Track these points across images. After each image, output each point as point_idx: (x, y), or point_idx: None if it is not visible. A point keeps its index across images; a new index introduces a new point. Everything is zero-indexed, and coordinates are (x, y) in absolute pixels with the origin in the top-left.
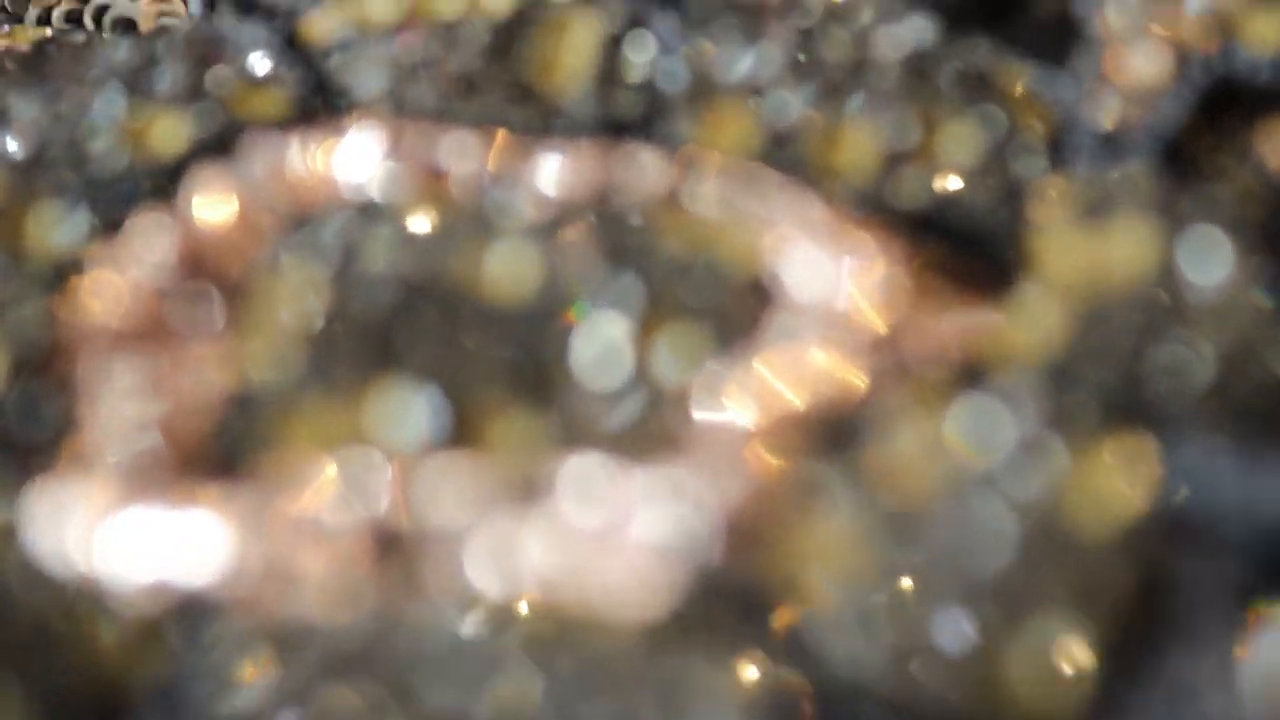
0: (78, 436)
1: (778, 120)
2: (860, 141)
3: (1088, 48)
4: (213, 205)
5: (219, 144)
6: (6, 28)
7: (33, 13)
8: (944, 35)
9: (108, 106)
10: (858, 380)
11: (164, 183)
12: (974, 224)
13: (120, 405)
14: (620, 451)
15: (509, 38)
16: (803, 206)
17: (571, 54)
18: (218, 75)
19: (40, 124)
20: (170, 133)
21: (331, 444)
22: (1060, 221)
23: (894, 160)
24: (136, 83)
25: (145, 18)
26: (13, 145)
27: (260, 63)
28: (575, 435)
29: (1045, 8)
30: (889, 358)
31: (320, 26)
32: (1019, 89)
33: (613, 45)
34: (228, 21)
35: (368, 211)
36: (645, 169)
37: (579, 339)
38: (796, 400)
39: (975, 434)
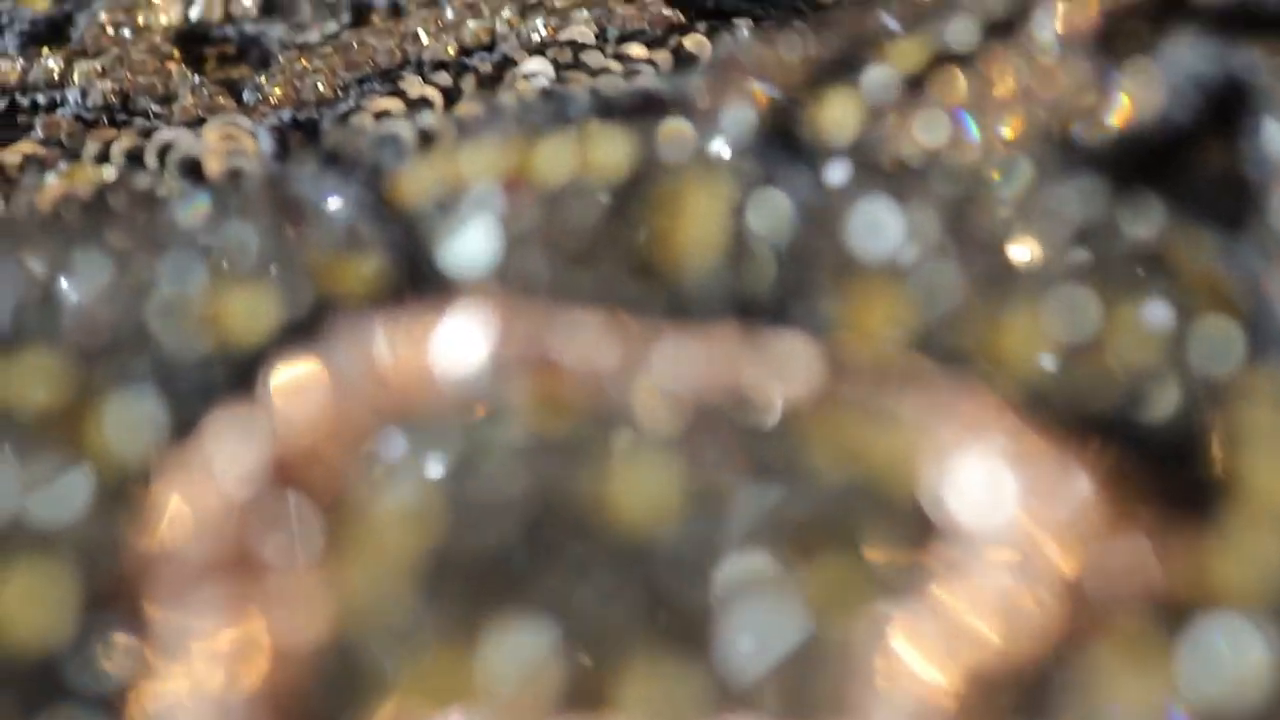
0: (152, 687)
1: (931, 302)
2: (1028, 328)
3: (1269, 216)
4: (301, 402)
5: (304, 325)
6: (64, 165)
7: (91, 148)
8: (1110, 199)
9: (178, 279)
10: (1048, 624)
11: (243, 372)
12: (1163, 429)
13: (201, 650)
14: (778, 714)
15: (625, 201)
16: (966, 406)
17: (693, 222)
18: (300, 240)
19: (103, 298)
20: (249, 311)
21: (444, 701)
22: (1267, 427)
23: (1068, 350)
24: (210, 249)
25: (213, 155)
26: (71, 325)
27: (347, 225)
28: (724, 694)
29: (1214, 164)
30: (1081, 594)
31: (411, 185)
32: (1203, 265)
33: (739, 211)
34: (307, 170)
35: (475, 414)
36: (783, 360)
37: (723, 574)
38: (979, 650)
39: (1196, 692)
